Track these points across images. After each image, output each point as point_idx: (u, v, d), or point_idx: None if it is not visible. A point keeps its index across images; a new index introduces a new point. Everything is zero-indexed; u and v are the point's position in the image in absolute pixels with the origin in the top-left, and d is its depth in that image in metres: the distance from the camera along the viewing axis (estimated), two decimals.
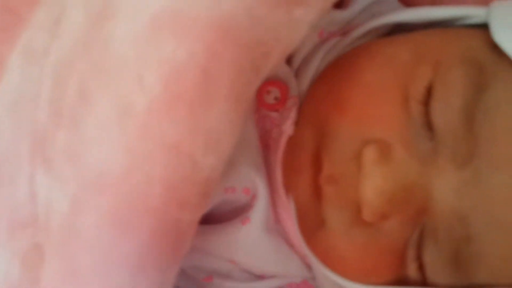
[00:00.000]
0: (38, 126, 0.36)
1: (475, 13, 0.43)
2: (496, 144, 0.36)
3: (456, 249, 0.37)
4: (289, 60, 0.46)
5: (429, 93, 0.38)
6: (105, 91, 0.33)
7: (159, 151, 0.32)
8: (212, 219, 0.46)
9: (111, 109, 0.33)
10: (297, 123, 0.44)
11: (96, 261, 0.33)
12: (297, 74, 0.46)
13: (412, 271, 0.39)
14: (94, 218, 0.33)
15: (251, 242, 0.44)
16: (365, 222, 0.38)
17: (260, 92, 0.45)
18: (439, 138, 0.37)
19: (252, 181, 0.44)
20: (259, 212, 0.44)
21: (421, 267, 0.39)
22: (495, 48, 0.38)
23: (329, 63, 0.45)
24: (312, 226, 0.42)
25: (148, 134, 0.32)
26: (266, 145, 0.46)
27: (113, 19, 0.34)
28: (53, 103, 0.36)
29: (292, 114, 0.43)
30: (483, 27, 0.41)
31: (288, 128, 0.43)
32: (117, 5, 0.34)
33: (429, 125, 0.38)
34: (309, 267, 0.46)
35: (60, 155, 0.34)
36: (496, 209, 0.36)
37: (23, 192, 0.36)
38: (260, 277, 0.47)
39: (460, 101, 0.37)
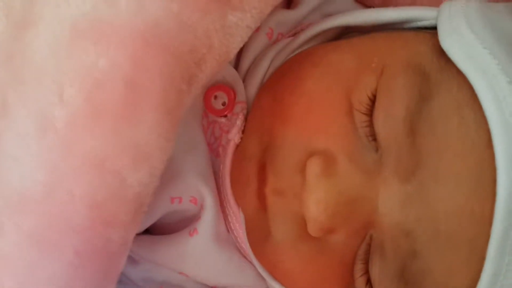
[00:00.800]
0: None
1: (425, 15, 0.41)
2: (439, 157, 0.34)
3: (402, 264, 0.35)
4: (237, 63, 0.45)
5: (373, 102, 0.36)
6: (24, 104, 0.31)
7: (82, 169, 0.30)
8: (160, 229, 0.44)
9: (30, 123, 0.31)
10: (244, 131, 0.42)
11: (19, 284, 0.31)
12: (246, 78, 0.44)
13: (360, 285, 0.37)
14: (16, 238, 0.31)
15: (200, 254, 0.42)
16: (311, 236, 0.37)
17: (207, 97, 0.43)
18: (384, 150, 0.36)
19: (199, 191, 0.42)
20: (206, 223, 0.42)
21: (368, 281, 0.37)
22: (443, 54, 0.36)
23: (275, 68, 0.43)
24: (259, 238, 0.40)
25: (70, 150, 0.30)
26: (215, 152, 0.44)
27: (33, 28, 0.32)
28: None
29: (238, 121, 0.41)
30: (434, 30, 0.39)
31: (234, 136, 0.41)
32: (38, 13, 0.32)
33: (373, 136, 0.36)
34: (262, 276, 0.45)
35: None
36: (440, 223, 0.34)
37: None
38: None
39: (403, 111, 0.35)
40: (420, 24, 0.41)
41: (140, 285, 0.46)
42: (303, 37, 0.43)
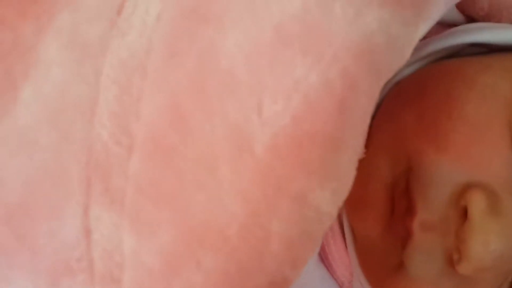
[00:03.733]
0: (95, 143, 0.27)
1: None
2: None
3: None
4: None
5: None
6: (210, 118, 0.25)
7: (281, 201, 0.25)
8: None
9: (224, 143, 0.25)
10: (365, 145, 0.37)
11: None
12: None
13: None
14: (199, 279, 0.25)
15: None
16: (457, 273, 0.33)
17: None
18: None
19: None
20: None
21: None
22: None
23: (402, 79, 0.38)
24: (385, 268, 0.36)
25: (268, 179, 0.25)
26: None
27: (215, 24, 0.26)
28: (118, 116, 0.27)
29: None
30: None
31: None
32: (219, 5, 0.26)
33: None
34: None
35: (135, 187, 0.26)
36: None
37: (72, 227, 0.27)
38: None
39: None
40: None
41: None
42: (431, 47, 0.39)
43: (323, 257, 0.40)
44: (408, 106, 0.37)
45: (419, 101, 0.36)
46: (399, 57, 0.28)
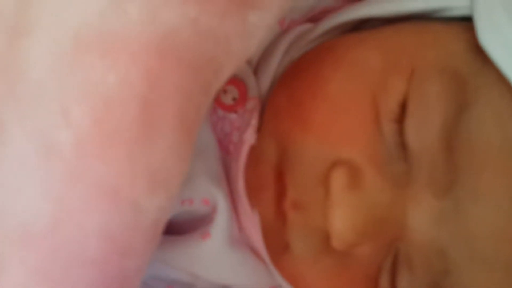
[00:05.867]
0: None
1: (458, 3, 0.35)
2: (478, 173, 0.31)
3: (433, 281, 0.32)
4: None
5: (403, 109, 0.32)
6: (23, 125, 0.26)
7: (93, 198, 0.26)
8: (170, 229, 0.41)
9: (31, 147, 0.26)
10: (259, 130, 0.38)
11: None
12: (257, 71, 0.39)
13: None
14: (20, 276, 0.27)
15: (212, 257, 0.39)
16: (334, 249, 0.33)
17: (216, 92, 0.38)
18: (415, 161, 0.32)
19: (211, 193, 0.38)
20: (219, 226, 0.38)
21: None
22: (480, 52, 0.32)
23: (290, 62, 0.38)
24: (277, 247, 0.36)
25: (78, 178, 0.26)
26: (226, 150, 0.39)
27: (28, 37, 0.27)
28: None
29: (253, 120, 0.37)
30: (467, 20, 0.35)
31: (249, 137, 0.37)
32: (32, 19, 0.27)
33: (403, 145, 0.32)
34: (275, 274, 0.41)
35: None
36: (477, 243, 0.31)
37: None
38: (224, 287, 0.42)
39: (439, 122, 0.31)
40: (450, 13, 0.36)
41: (149, 283, 0.43)
42: (320, 28, 0.38)
43: (246, 238, 0.41)
44: (282, 87, 0.37)
45: (292, 81, 0.36)
46: (223, 47, 0.28)
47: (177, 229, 0.41)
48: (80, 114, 0.26)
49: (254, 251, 0.41)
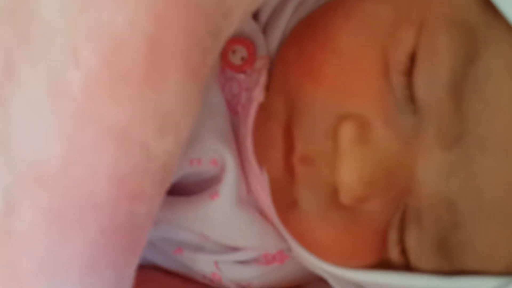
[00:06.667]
0: None
1: None
2: (487, 123, 0.30)
3: (441, 234, 0.32)
4: (255, 14, 0.40)
5: (412, 61, 0.32)
6: (34, 66, 0.26)
7: (103, 139, 0.26)
8: (179, 190, 0.41)
9: (42, 88, 0.26)
10: (268, 89, 0.37)
11: (40, 264, 0.28)
12: (266, 30, 0.39)
13: (394, 255, 0.34)
14: (33, 216, 0.27)
15: (221, 217, 0.39)
16: (342, 204, 0.33)
17: (225, 52, 0.38)
18: (423, 113, 0.32)
19: (219, 153, 0.38)
20: (228, 186, 0.38)
21: (404, 251, 0.34)
22: (490, 4, 0.32)
23: (300, 19, 0.38)
24: (285, 204, 0.36)
25: (88, 119, 0.26)
26: (234, 110, 0.39)
27: None
28: None
29: (261, 78, 0.37)
30: None
31: (258, 95, 0.37)
32: None
33: (412, 98, 0.32)
34: (283, 237, 0.41)
35: None
36: (486, 195, 0.31)
37: None
38: (233, 249, 0.42)
39: (447, 72, 0.31)
40: None
41: (158, 245, 0.43)
42: None
43: (254, 201, 0.41)
44: (292, 43, 0.37)
45: (301, 37, 0.36)
46: None
47: (186, 190, 0.41)
48: (90, 54, 0.26)
49: (262, 213, 0.41)
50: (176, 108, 0.27)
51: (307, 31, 0.36)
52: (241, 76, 0.39)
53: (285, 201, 0.36)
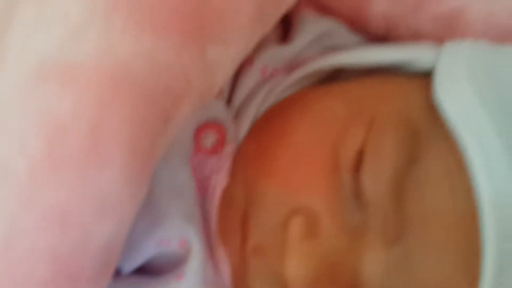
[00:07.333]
0: None
1: (425, 57, 0.36)
2: (425, 225, 0.31)
3: None
4: (230, 100, 0.41)
5: (360, 158, 0.32)
6: None
7: (44, 221, 0.27)
8: (147, 271, 0.41)
9: None
10: (232, 175, 0.38)
11: None
12: (238, 116, 0.40)
13: None
14: None
15: None
16: None
17: (198, 136, 0.39)
18: (369, 210, 0.32)
19: (187, 235, 0.38)
20: (193, 267, 0.38)
21: None
22: (435, 107, 0.33)
23: (267, 108, 0.39)
24: None
25: (32, 202, 0.27)
26: (204, 193, 0.40)
27: (2, 63, 0.29)
28: None
29: (226, 164, 0.38)
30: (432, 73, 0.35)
31: (221, 180, 0.38)
32: (7, 47, 0.29)
33: (360, 194, 0.32)
34: None
35: None
36: None
37: None
38: None
39: (390, 172, 0.31)
40: (417, 66, 0.37)
41: None
42: (294, 76, 0.39)
43: (221, 283, 0.40)
44: (253, 135, 0.38)
45: (261, 130, 0.37)
46: (181, 79, 0.29)
47: (154, 270, 0.41)
48: (36, 139, 0.27)
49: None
50: (118, 191, 0.28)
51: (266, 124, 0.37)
52: (212, 160, 0.39)
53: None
